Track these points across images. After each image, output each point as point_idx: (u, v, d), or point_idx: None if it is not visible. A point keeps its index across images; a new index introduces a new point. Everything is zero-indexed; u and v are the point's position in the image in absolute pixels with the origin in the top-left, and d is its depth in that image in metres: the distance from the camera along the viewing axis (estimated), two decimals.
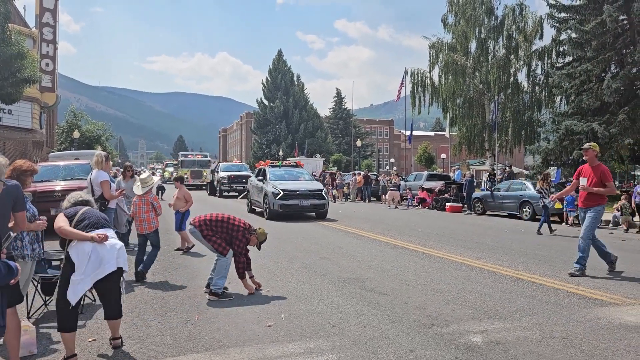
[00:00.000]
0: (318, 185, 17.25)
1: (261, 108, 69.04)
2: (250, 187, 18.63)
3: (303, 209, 15.68)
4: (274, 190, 15.57)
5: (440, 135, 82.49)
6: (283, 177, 17.08)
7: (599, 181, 7.50)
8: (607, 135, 21.80)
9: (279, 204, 15.29)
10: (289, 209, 15.47)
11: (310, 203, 15.62)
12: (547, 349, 4.30)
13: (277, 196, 15.36)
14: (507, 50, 34.56)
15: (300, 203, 15.48)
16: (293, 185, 16.13)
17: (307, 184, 16.61)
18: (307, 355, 4.11)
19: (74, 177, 12.72)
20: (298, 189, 15.79)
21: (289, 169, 18.34)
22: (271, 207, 15.42)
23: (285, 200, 15.34)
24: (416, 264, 8.35)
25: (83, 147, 40.11)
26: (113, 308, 4.26)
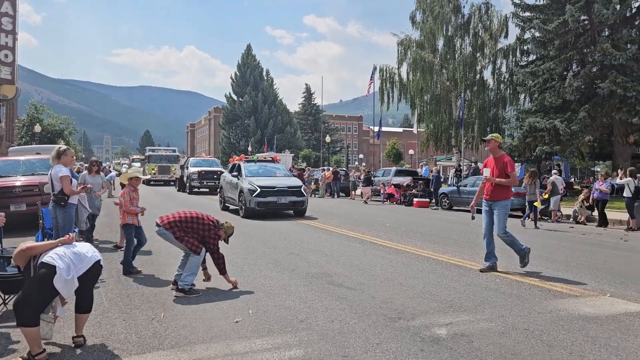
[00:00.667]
0: (296, 181, 16.47)
1: (230, 103, 68.39)
2: (223, 184, 17.82)
3: (281, 206, 15.03)
4: (251, 186, 14.76)
5: (409, 131, 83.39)
6: (259, 172, 16.31)
7: (501, 172, 7.37)
8: (568, 132, 22.44)
9: (256, 201, 14.51)
10: (267, 207, 14.72)
11: (288, 200, 14.95)
12: (510, 340, 4.41)
13: (253, 193, 14.55)
14: (473, 48, 35.22)
15: (278, 200, 14.77)
16: (270, 181, 15.36)
17: (285, 180, 15.88)
18: (275, 351, 4.10)
19: (35, 172, 12.34)
20: (276, 186, 14.99)
21: (265, 165, 17.46)
22: (247, 204, 14.63)
23: (263, 198, 14.57)
24: (384, 258, 8.43)
25: (45, 142, 38.96)
26: (87, 301, 4.25)
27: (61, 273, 3.89)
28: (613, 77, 21.44)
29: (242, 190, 15.00)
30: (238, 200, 15.46)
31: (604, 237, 12.16)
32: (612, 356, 4.05)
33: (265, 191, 14.64)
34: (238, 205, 15.52)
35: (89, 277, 4.14)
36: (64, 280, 3.90)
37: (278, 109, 66.83)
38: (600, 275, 7.30)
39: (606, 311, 5.36)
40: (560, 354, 4.08)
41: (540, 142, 23.96)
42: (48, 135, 43.24)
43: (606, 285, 6.64)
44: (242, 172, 16.01)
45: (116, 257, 8.36)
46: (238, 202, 15.48)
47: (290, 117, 69.63)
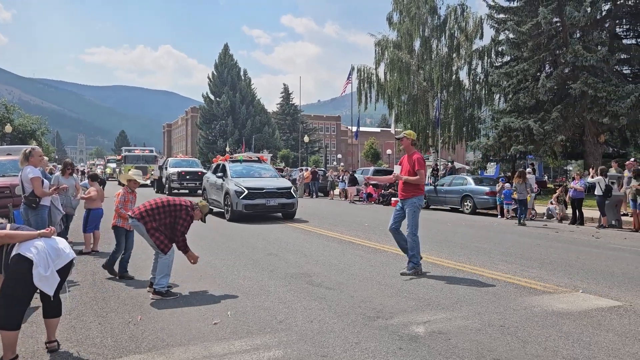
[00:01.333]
0: (286, 182, 15.65)
1: (207, 103, 67.75)
2: (206, 185, 16.88)
3: (270, 209, 14.23)
4: (237, 188, 13.96)
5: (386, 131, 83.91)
6: (246, 173, 15.50)
7: (411, 169, 7.25)
8: (542, 132, 22.88)
9: (244, 203, 13.73)
10: (255, 210, 13.99)
11: (278, 202, 14.17)
12: (486, 337, 4.48)
13: (240, 195, 13.75)
14: (449, 49, 35.64)
15: (267, 202, 14.01)
16: (258, 182, 14.61)
17: (273, 181, 15.07)
18: (254, 352, 4.09)
19: (6, 174, 12.03)
20: (264, 187, 14.21)
21: (251, 165, 16.55)
22: (234, 207, 13.81)
23: (251, 200, 13.81)
24: (362, 258, 8.47)
25: (16, 142, 37.95)
26: (56, 305, 4.09)
27: (39, 270, 3.75)
28: (584, 78, 21.93)
29: (228, 192, 14.19)
30: (223, 202, 14.70)
31: (576, 234, 12.44)
32: (584, 350, 4.15)
33: (253, 193, 13.92)
34: (223, 208, 14.80)
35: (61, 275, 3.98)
36: (42, 276, 3.77)
37: (256, 109, 66.48)
38: (572, 271, 7.46)
39: (579, 307, 5.49)
40: (535, 350, 4.16)
41: (514, 141, 24.38)
42: (19, 135, 42.20)
43: (579, 281, 6.79)
44: (227, 173, 15.20)
45: (91, 260, 8.22)
46: (223, 205, 14.72)
47: (269, 117, 69.33)
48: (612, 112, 21.58)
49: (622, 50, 24.26)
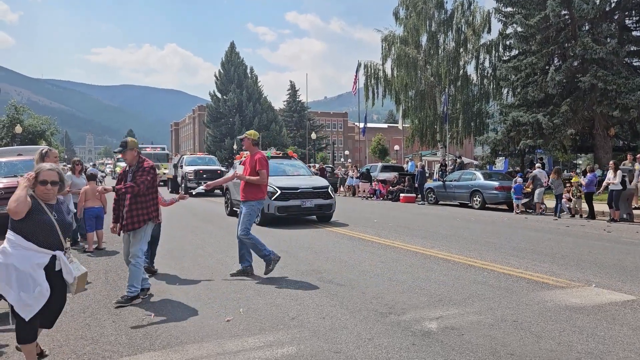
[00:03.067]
0: (322, 181, 13.99)
1: (214, 101, 67.90)
2: (229, 184, 15.28)
3: (305, 211, 12.79)
4: (269, 188, 12.16)
5: (394, 127, 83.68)
6: (275, 171, 13.61)
7: (252, 170, 7.10)
8: (551, 125, 22.72)
9: (276, 205, 12.33)
10: (288, 212, 12.55)
11: (314, 204, 12.71)
12: (499, 332, 4.46)
13: (272, 196, 12.27)
14: (456, 44, 35.45)
15: (302, 204, 12.57)
16: (291, 181, 13.14)
17: (308, 180, 13.56)
18: (267, 349, 4.11)
19: (17, 174, 12.15)
20: (299, 187, 12.75)
21: (281, 161, 14.83)
22: (266, 209, 12.19)
23: (284, 201, 12.43)
24: (373, 254, 8.47)
25: (26, 143, 38.27)
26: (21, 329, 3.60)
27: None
28: (594, 71, 21.74)
29: None
30: None
31: (587, 228, 12.35)
32: (599, 345, 4.13)
33: (287, 193, 12.48)
34: None
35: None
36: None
37: (263, 106, 66.53)
38: (585, 266, 7.42)
39: (592, 301, 5.45)
40: (549, 344, 4.14)
41: (523, 136, 24.23)
42: (29, 136, 42.56)
43: (591, 275, 6.75)
44: None
45: (103, 258, 8.28)
46: None
47: (275, 115, 69.37)
48: (622, 105, 21.37)
49: (631, 42, 24.00)
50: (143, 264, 5.73)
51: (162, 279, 6.68)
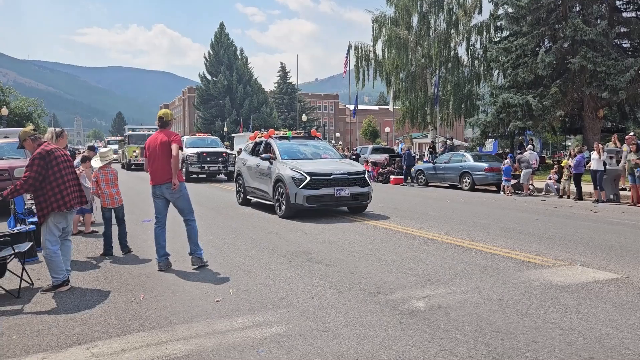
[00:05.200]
0: (357, 165, 12.11)
1: (204, 83, 67.37)
2: (242, 170, 13.28)
3: (340, 201, 10.78)
4: (295, 174, 10.58)
5: (384, 109, 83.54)
6: (299, 154, 12.03)
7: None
8: (540, 107, 22.78)
9: (305, 195, 10.39)
10: (320, 202, 10.60)
11: (349, 192, 10.72)
12: (485, 310, 4.53)
13: (301, 183, 10.43)
14: (447, 25, 35.26)
15: (336, 193, 10.57)
16: (321, 166, 11.17)
17: (340, 164, 11.53)
18: (256, 328, 4.14)
19: (4, 157, 12.05)
20: (332, 172, 10.77)
21: (305, 142, 12.86)
22: (291, 199, 10.48)
23: (314, 190, 10.45)
24: (362, 235, 8.52)
25: (12, 125, 37.77)
26: None
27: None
28: (584, 52, 21.75)
29: (282, 180, 10.81)
30: (273, 192, 11.29)
31: (575, 209, 12.50)
32: (582, 322, 4.21)
33: (318, 180, 10.54)
34: (272, 199, 11.43)
35: None
36: None
37: (253, 88, 66.14)
38: (571, 245, 7.52)
39: (577, 280, 5.55)
40: (534, 322, 4.22)
41: (513, 117, 24.29)
42: (16, 118, 42.00)
43: (577, 255, 6.85)
44: (275, 153, 11.72)
45: (92, 241, 8.26)
46: (272, 196, 11.33)
47: (266, 97, 69.01)
48: (612, 87, 21.46)
49: (621, 24, 23.98)
50: (55, 254, 5.37)
51: (154, 261, 6.68)
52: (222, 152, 23.23)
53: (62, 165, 5.44)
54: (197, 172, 22.38)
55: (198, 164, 22.23)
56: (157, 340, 3.92)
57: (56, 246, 5.37)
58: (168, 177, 6.24)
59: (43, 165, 5.26)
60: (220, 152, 22.97)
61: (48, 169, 5.30)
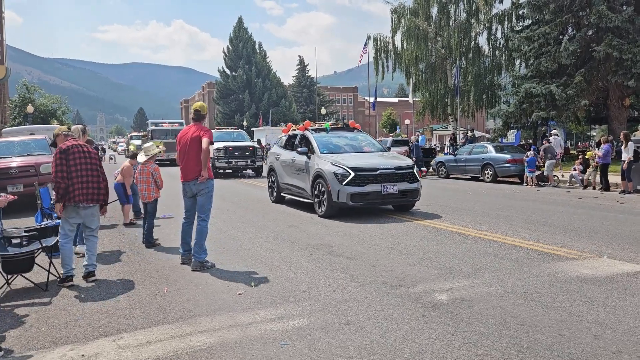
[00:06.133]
0: (403, 159, 11.12)
1: (223, 77, 67.66)
2: (276, 165, 12.42)
3: (387, 198, 9.79)
4: (337, 169, 9.67)
5: (404, 101, 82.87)
6: (339, 147, 11.07)
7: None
8: (564, 97, 22.34)
9: (349, 192, 9.42)
10: (366, 200, 9.65)
11: (397, 189, 9.72)
12: (509, 303, 4.48)
13: (344, 179, 9.49)
14: (467, 15, 34.70)
15: (383, 190, 9.57)
16: (365, 160, 10.19)
17: (386, 158, 10.52)
18: (278, 321, 4.16)
19: (30, 153, 12.29)
20: (378, 167, 9.78)
21: (344, 134, 11.91)
22: (334, 197, 9.55)
23: (360, 187, 9.50)
24: (383, 228, 8.49)
25: (38, 122, 38.45)
26: None
27: None
28: (609, 39, 21.24)
29: (322, 175, 9.89)
30: (312, 190, 10.38)
31: (600, 200, 12.25)
32: (609, 315, 4.13)
33: (363, 176, 9.57)
34: (310, 197, 10.56)
35: None
36: None
37: (272, 82, 66.21)
38: (597, 237, 7.38)
39: (603, 272, 5.44)
40: (559, 315, 4.15)
41: (536, 107, 23.88)
42: (41, 115, 42.77)
43: (603, 247, 6.72)
44: (313, 147, 10.79)
45: (116, 235, 8.40)
46: (311, 193, 10.45)
47: (285, 90, 69.02)
48: (638, 75, 20.93)
49: None
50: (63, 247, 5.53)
51: (176, 254, 6.76)
52: (250, 146, 22.29)
53: (78, 161, 5.56)
54: (224, 167, 21.36)
55: (225, 158, 21.19)
56: (181, 332, 3.97)
57: (65, 239, 5.53)
58: (198, 174, 6.11)
59: (64, 158, 5.48)
60: (247, 147, 22.00)
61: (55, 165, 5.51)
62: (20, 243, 5.41)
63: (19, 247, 5.36)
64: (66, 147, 5.53)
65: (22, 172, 11.20)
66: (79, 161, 5.55)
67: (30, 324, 4.28)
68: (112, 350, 3.69)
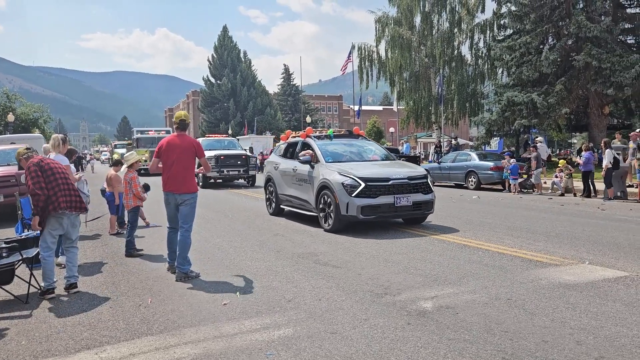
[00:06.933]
0: (416, 168, 10.40)
1: (208, 86, 67.50)
2: (274, 175, 11.54)
3: (400, 211, 8.99)
4: (346, 179, 8.85)
5: (389, 109, 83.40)
6: (345, 155, 10.31)
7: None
8: (545, 105, 22.68)
9: (360, 204, 8.63)
10: (377, 213, 8.81)
11: (411, 201, 8.93)
12: (493, 310, 4.51)
13: (354, 190, 8.69)
14: (450, 24, 35.18)
15: (397, 202, 8.78)
16: (375, 169, 9.42)
17: (396, 167, 9.84)
18: (264, 331, 4.14)
19: (11, 163, 12.09)
20: (389, 176, 8.98)
21: (350, 141, 11.10)
22: (343, 210, 8.73)
23: (371, 198, 8.69)
24: (368, 236, 8.50)
25: (19, 131, 37.87)
26: None
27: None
28: (588, 49, 21.65)
29: (328, 186, 9.09)
30: (316, 202, 9.51)
31: (582, 207, 12.42)
32: (592, 321, 4.18)
33: (374, 187, 8.78)
34: (314, 209, 9.74)
35: None
36: None
37: (257, 90, 66.19)
38: (578, 243, 7.48)
39: (585, 278, 5.51)
40: (543, 321, 4.19)
41: (518, 115, 24.18)
42: (22, 124, 42.18)
43: (585, 253, 6.81)
44: (317, 155, 9.98)
45: (99, 245, 8.29)
46: (315, 206, 9.59)
47: (270, 99, 69.05)
48: (617, 83, 21.34)
49: (626, 20, 23.85)
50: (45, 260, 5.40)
51: (160, 263, 6.70)
52: (242, 154, 21.14)
53: (55, 171, 5.50)
54: (216, 177, 20.38)
55: (216, 168, 20.00)
56: (165, 344, 3.93)
57: (47, 252, 5.43)
58: (185, 189, 6.07)
59: (39, 170, 5.38)
60: (239, 155, 20.92)
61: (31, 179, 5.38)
62: (0, 254, 5.31)
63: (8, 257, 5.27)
64: (38, 161, 5.46)
65: (3, 182, 11.02)
66: (56, 171, 5.49)
67: (10, 337, 4.20)
68: None
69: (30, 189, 5.30)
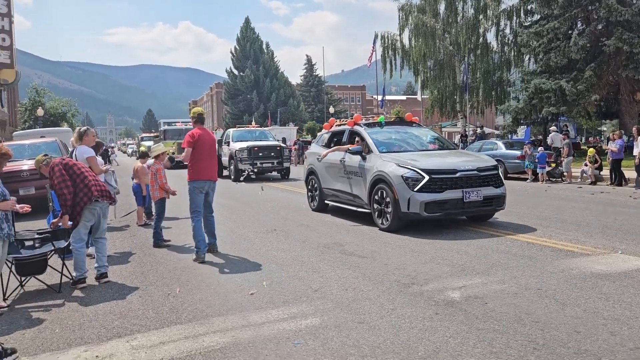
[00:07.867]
0: (484, 158, 9.12)
1: (231, 78, 67.80)
2: (317, 167, 10.53)
3: (468, 208, 7.90)
4: (407, 171, 7.81)
5: (412, 98, 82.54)
6: (400, 145, 9.32)
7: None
8: (574, 92, 22.14)
9: (424, 200, 7.58)
10: (445, 211, 7.81)
11: (481, 195, 7.82)
12: (523, 300, 4.43)
13: (417, 184, 7.64)
14: (475, 11, 34.50)
15: (466, 197, 7.70)
16: (438, 159, 8.46)
17: (462, 157, 8.92)
18: (291, 320, 4.15)
19: None
20: (457, 168, 7.89)
21: (402, 129, 10.03)
22: (404, 206, 7.69)
23: (436, 193, 7.65)
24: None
25: (48, 125, 38.71)
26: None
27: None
28: (619, 33, 21.00)
29: (385, 179, 8.06)
30: (370, 197, 8.50)
31: (613, 195, 12.12)
32: (625, 311, 4.07)
33: (439, 179, 7.72)
34: (366, 206, 8.72)
35: None
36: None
37: (280, 82, 66.23)
38: (610, 233, 7.29)
39: (618, 268, 5.37)
40: (575, 312, 4.10)
41: (546, 103, 23.68)
42: (51, 118, 43.09)
43: (617, 242, 6.64)
44: (369, 145, 8.95)
45: (128, 236, 8.44)
46: (368, 202, 8.58)
47: (293, 90, 69.02)
48: None
49: None
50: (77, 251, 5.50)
51: (187, 254, 6.78)
52: (276, 145, 19.92)
53: (80, 166, 5.64)
54: (250, 169, 19.25)
55: (249, 160, 18.94)
56: (194, 332, 3.98)
57: (80, 243, 5.54)
58: (216, 177, 6.90)
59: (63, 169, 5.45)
60: (273, 146, 19.72)
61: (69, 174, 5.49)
62: (32, 245, 5.44)
63: (31, 249, 5.39)
64: (60, 160, 5.58)
65: (34, 174, 11.28)
66: (80, 165, 5.66)
67: (44, 326, 4.31)
68: (126, 351, 3.70)
69: (57, 188, 5.39)
